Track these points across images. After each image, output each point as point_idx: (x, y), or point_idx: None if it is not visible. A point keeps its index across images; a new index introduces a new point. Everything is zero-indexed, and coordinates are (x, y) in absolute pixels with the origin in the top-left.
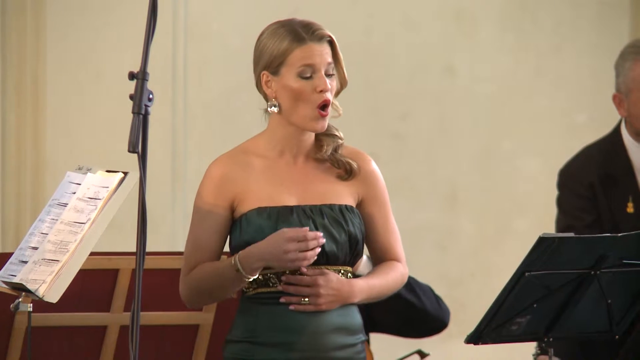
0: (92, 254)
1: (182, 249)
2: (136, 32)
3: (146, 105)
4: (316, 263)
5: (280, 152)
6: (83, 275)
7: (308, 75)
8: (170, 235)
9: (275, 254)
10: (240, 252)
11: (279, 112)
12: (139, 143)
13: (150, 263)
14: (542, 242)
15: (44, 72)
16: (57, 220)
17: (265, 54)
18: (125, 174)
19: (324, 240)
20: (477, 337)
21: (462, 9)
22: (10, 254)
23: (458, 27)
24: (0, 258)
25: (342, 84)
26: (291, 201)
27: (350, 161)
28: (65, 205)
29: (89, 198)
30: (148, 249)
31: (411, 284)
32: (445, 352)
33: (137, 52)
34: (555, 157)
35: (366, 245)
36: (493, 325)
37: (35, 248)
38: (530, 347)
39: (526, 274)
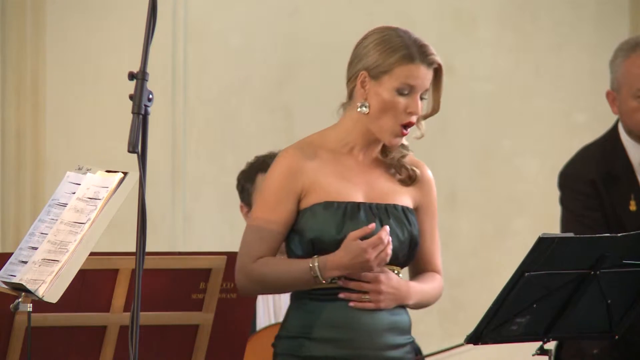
0: (92, 254)
1: (181, 249)
2: (136, 32)
3: (146, 106)
4: None
5: (349, 150)
6: (83, 275)
7: (405, 92)
8: (170, 235)
9: (357, 264)
10: (319, 259)
11: (353, 111)
12: (138, 143)
13: (150, 263)
14: (542, 242)
15: (43, 72)
16: (56, 220)
17: (371, 55)
18: (125, 174)
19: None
20: (476, 337)
21: (461, 8)
22: (10, 254)
23: (457, 26)
24: (0, 258)
25: (435, 109)
26: (358, 197)
27: (414, 168)
28: (65, 205)
29: (89, 198)
30: (148, 249)
31: None
32: (445, 352)
33: (137, 52)
34: (554, 157)
35: None
36: (493, 325)
37: (35, 248)
38: (530, 347)
39: (526, 274)
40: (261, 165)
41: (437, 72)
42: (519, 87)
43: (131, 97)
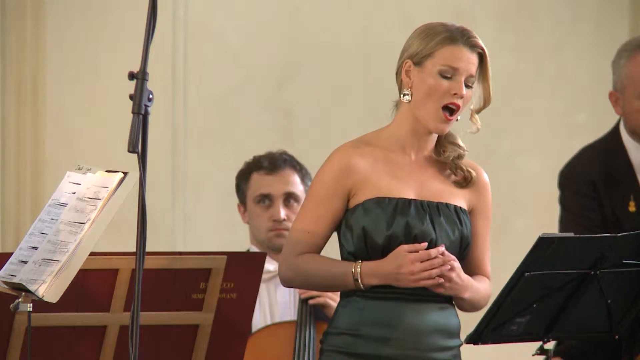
0: (92, 254)
1: (181, 248)
2: (136, 32)
3: (146, 105)
4: None
5: (402, 148)
6: (83, 275)
7: (449, 75)
8: (170, 235)
9: (399, 277)
10: (363, 265)
11: (409, 102)
12: (138, 143)
13: (150, 263)
14: (542, 242)
15: (43, 72)
16: (56, 220)
17: (414, 44)
18: (125, 174)
19: (446, 256)
20: (477, 337)
21: (461, 8)
22: (10, 254)
23: None
24: (0, 258)
25: (486, 101)
26: (409, 194)
27: (470, 170)
28: (65, 205)
29: (89, 198)
30: (148, 249)
31: None
32: None
33: (137, 52)
34: (554, 157)
35: None
36: (493, 325)
37: (35, 248)
38: (530, 347)
39: (526, 274)
40: (255, 165)
41: (482, 59)
42: (519, 87)
43: (131, 97)
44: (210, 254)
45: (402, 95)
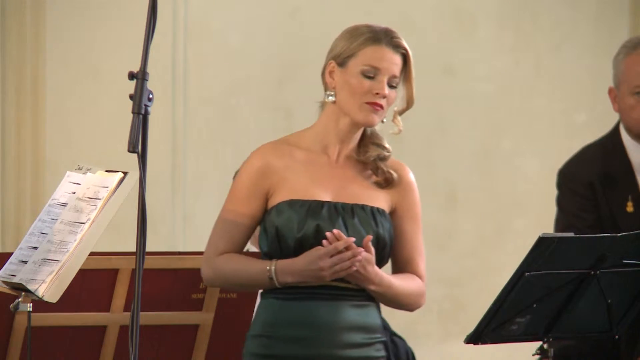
0: (91, 254)
1: (181, 248)
2: (136, 32)
3: (146, 105)
4: None
5: (323, 148)
6: (83, 275)
7: (371, 75)
8: (170, 235)
9: (311, 273)
10: (277, 264)
11: (334, 103)
12: (138, 143)
13: (150, 263)
14: (542, 242)
15: (43, 72)
16: (56, 220)
17: (339, 45)
18: (125, 174)
19: (356, 250)
20: (476, 337)
21: (461, 8)
22: (10, 254)
23: (457, 26)
24: (0, 258)
25: (409, 103)
26: (325, 197)
27: (392, 171)
28: (65, 205)
29: (89, 198)
30: (148, 249)
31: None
32: (445, 352)
33: (137, 51)
34: (554, 157)
35: (390, 256)
36: (493, 325)
37: (35, 248)
38: (530, 347)
39: (526, 274)
40: None
41: (406, 60)
42: (519, 87)
43: (131, 97)
44: None
45: (326, 96)
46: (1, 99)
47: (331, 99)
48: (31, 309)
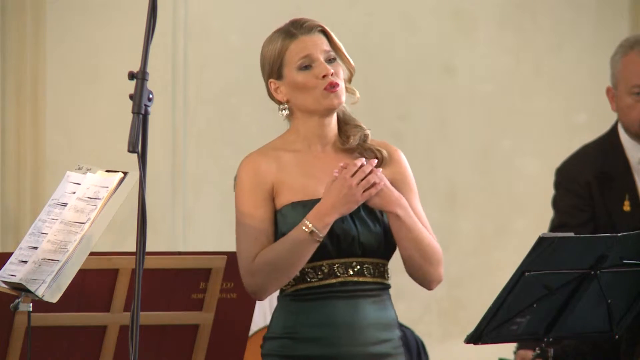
0: (91, 253)
1: (181, 248)
2: (136, 32)
3: (146, 105)
4: (352, 255)
5: (307, 146)
6: (83, 275)
7: (307, 64)
8: (170, 235)
9: (344, 198)
10: (308, 216)
11: (292, 113)
12: (138, 143)
13: (150, 263)
14: (542, 242)
15: (43, 72)
16: (57, 220)
17: (266, 62)
18: (125, 173)
19: (372, 161)
20: (477, 337)
21: (461, 8)
22: (10, 254)
23: (457, 26)
24: (0, 258)
25: (350, 69)
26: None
27: (380, 148)
28: (65, 205)
29: (89, 198)
30: (148, 249)
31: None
32: (445, 352)
33: (137, 52)
34: (554, 157)
35: None
36: (493, 325)
37: (35, 248)
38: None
39: (526, 273)
40: None
41: (326, 34)
42: (519, 87)
43: (131, 97)
44: (210, 254)
45: (280, 112)
46: (1, 99)
47: (285, 112)
48: (31, 309)
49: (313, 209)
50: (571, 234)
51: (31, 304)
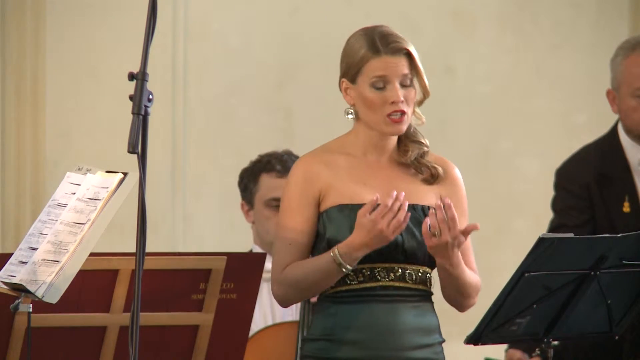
0: (91, 254)
1: (181, 249)
2: (136, 32)
3: (146, 106)
4: (394, 260)
5: (364, 153)
6: (83, 275)
7: (381, 86)
8: (170, 235)
9: (373, 238)
10: (339, 246)
11: (357, 116)
12: (138, 144)
13: (150, 263)
14: (542, 243)
15: (43, 72)
16: (56, 220)
17: (344, 61)
18: (125, 174)
19: (399, 194)
20: (476, 338)
21: (460, 8)
22: (10, 255)
23: (457, 27)
24: (0, 258)
25: (425, 94)
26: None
27: (436, 165)
28: (64, 205)
29: (89, 199)
30: (148, 249)
31: None
32: (445, 352)
33: (136, 52)
34: (554, 158)
35: None
36: (493, 325)
37: (35, 249)
38: None
39: (526, 274)
40: (266, 165)
41: (410, 57)
42: (519, 87)
43: (131, 98)
44: (210, 254)
45: (345, 114)
46: (1, 99)
47: (351, 117)
48: (31, 310)
49: (345, 242)
50: (571, 235)
51: (31, 305)
